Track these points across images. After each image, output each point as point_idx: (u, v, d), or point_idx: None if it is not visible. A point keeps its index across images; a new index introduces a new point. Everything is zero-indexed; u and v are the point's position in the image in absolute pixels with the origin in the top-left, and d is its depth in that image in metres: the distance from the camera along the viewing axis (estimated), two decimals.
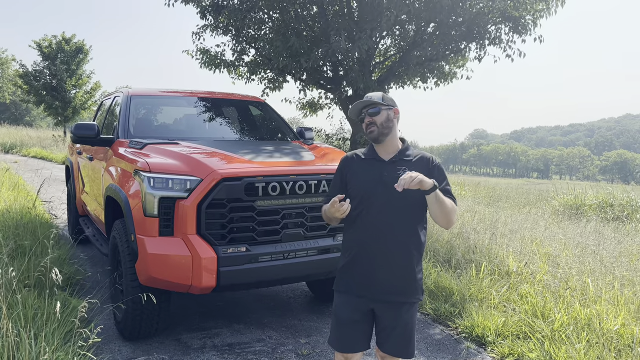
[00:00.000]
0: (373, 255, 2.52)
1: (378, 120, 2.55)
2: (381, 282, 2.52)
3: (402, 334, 2.58)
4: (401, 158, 2.57)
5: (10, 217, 6.35)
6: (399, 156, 2.58)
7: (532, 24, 8.07)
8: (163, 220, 3.59)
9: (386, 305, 2.55)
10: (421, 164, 2.56)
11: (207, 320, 4.56)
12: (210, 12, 8.86)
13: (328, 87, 9.58)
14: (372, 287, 2.53)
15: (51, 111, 29.07)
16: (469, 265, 5.68)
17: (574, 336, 3.93)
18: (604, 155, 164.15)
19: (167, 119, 5.87)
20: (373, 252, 2.52)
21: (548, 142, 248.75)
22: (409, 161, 2.56)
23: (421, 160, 2.58)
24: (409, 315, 2.58)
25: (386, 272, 2.51)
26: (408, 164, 2.54)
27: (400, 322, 2.57)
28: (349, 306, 2.59)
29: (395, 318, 2.57)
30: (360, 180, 2.58)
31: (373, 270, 2.52)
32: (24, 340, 3.04)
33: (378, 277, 2.52)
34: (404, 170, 2.46)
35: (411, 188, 2.31)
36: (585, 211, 11.48)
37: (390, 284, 2.52)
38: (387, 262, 2.50)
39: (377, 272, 2.51)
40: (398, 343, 2.59)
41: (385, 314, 2.57)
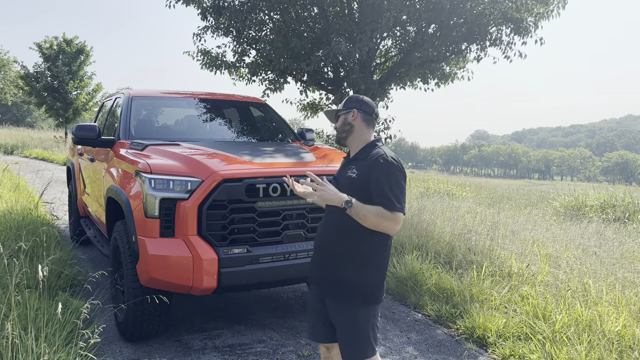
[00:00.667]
0: (320, 250, 2.64)
1: (337, 124, 2.66)
2: (322, 276, 2.61)
3: (342, 334, 2.56)
4: (357, 157, 2.58)
5: (12, 218, 6.36)
6: (356, 155, 2.59)
7: (533, 26, 8.07)
8: (164, 221, 3.59)
9: (328, 300, 2.60)
10: (368, 162, 2.48)
11: (208, 321, 4.56)
12: (211, 13, 8.87)
13: (329, 88, 9.59)
14: (317, 279, 2.66)
15: (52, 112, 29.12)
16: (470, 266, 5.68)
17: (575, 337, 3.92)
18: (606, 156, 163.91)
19: (168, 120, 5.88)
20: (320, 247, 2.64)
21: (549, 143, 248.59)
22: (361, 160, 2.53)
23: (371, 159, 2.48)
24: (349, 318, 2.52)
25: (326, 267, 2.58)
26: (358, 162, 2.54)
27: (340, 322, 2.56)
28: (312, 296, 2.73)
29: (336, 317, 2.58)
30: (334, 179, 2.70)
31: (319, 263, 2.63)
32: (26, 342, 3.04)
33: (321, 271, 2.62)
34: (352, 171, 2.51)
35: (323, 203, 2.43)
36: (586, 212, 11.46)
37: (328, 280, 2.58)
38: (327, 259, 2.58)
39: (321, 266, 2.61)
40: (342, 343, 2.58)
41: (329, 310, 2.61)
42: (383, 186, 2.38)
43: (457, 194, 14.57)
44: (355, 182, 2.48)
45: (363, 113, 2.60)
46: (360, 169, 2.48)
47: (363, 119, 2.60)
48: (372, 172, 2.42)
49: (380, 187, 2.38)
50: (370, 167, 2.45)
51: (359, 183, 2.46)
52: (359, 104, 2.62)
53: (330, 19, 8.69)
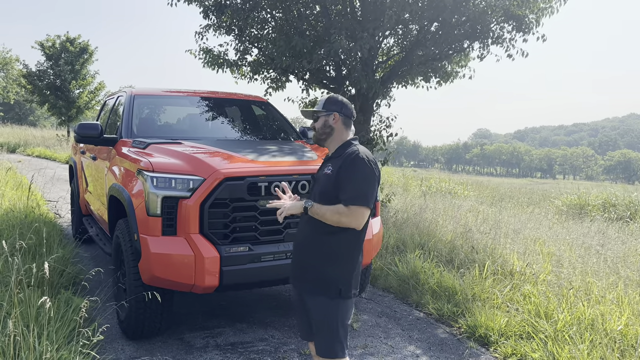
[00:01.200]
0: (296, 245, 2.75)
1: (317, 125, 2.69)
2: (298, 273, 2.70)
3: (315, 329, 2.65)
4: (333, 156, 2.66)
5: (15, 217, 6.37)
6: (333, 154, 2.67)
7: (535, 23, 8.06)
8: (166, 219, 3.60)
9: (304, 295, 2.67)
10: (342, 160, 2.56)
11: (210, 319, 4.57)
12: (213, 11, 8.87)
13: (331, 86, 9.58)
14: (294, 277, 2.74)
15: (55, 111, 29.16)
16: (472, 265, 5.67)
17: (577, 336, 3.92)
18: (608, 155, 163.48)
19: (170, 118, 5.89)
20: (296, 242, 2.75)
21: (552, 142, 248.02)
22: (336, 158, 2.62)
23: (343, 156, 2.57)
24: (320, 311, 2.60)
25: (302, 264, 2.68)
26: (334, 161, 2.62)
27: (313, 316, 2.64)
28: (294, 295, 2.81)
29: (311, 311, 2.65)
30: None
31: (295, 258, 2.75)
32: (28, 339, 3.05)
33: (297, 268, 2.71)
34: (328, 168, 2.61)
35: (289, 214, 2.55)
36: (589, 211, 11.45)
37: (303, 276, 2.67)
38: (301, 253, 2.69)
39: (297, 264, 2.72)
40: (316, 339, 2.67)
41: (306, 304, 2.68)
42: (345, 182, 2.49)
43: (459, 193, 14.56)
44: (330, 178, 2.56)
45: (343, 116, 2.66)
46: (334, 166, 2.57)
47: (343, 122, 2.67)
48: (341, 167, 2.53)
49: (343, 182, 2.49)
50: (342, 161, 2.54)
51: (333, 179, 2.54)
52: (339, 106, 2.67)
53: (333, 17, 8.68)
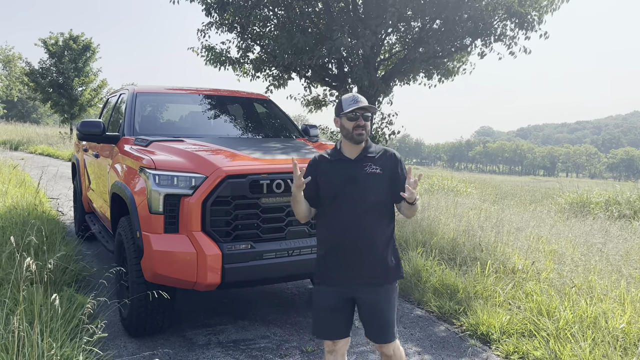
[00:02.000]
0: (344, 248, 2.71)
1: (368, 126, 2.74)
2: (352, 271, 2.71)
3: (379, 319, 2.74)
4: (365, 155, 2.76)
5: (17, 214, 6.39)
6: (364, 154, 2.76)
7: (537, 20, 8.03)
8: (168, 217, 3.60)
9: (360, 291, 2.73)
10: (387, 159, 2.76)
11: (212, 316, 4.58)
12: (216, 9, 8.87)
13: (333, 84, 9.58)
14: (345, 276, 2.73)
15: (58, 108, 29.22)
16: (474, 263, 5.67)
17: (579, 334, 3.91)
18: (611, 152, 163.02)
19: (172, 116, 5.89)
20: (344, 245, 2.71)
21: (555, 140, 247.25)
22: (373, 157, 2.75)
23: (385, 156, 2.77)
24: (384, 299, 2.74)
25: (356, 261, 2.70)
26: (373, 160, 2.74)
27: (375, 307, 2.74)
28: (325, 295, 2.79)
29: (371, 304, 2.74)
30: (330, 180, 2.74)
31: (345, 261, 2.71)
32: (31, 336, 3.06)
33: (349, 267, 2.71)
34: (371, 167, 2.71)
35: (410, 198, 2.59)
36: (591, 209, 11.42)
37: (360, 272, 2.71)
38: (356, 253, 2.70)
39: (349, 262, 2.71)
40: (377, 329, 2.76)
41: (362, 300, 2.75)
42: (404, 179, 2.69)
43: (462, 191, 14.54)
44: (382, 177, 2.71)
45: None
46: (379, 165, 2.72)
47: None
48: (395, 168, 2.74)
49: (403, 179, 2.70)
50: (391, 163, 2.75)
51: (385, 178, 2.71)
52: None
53: (335, 14, 8.67)
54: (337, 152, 2.80)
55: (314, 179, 2.77)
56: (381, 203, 2.72)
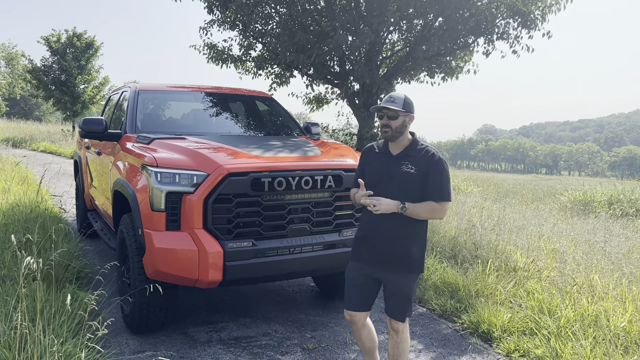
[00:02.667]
0: (377, 234, 2.98)
1: (394, 124, 2.90)
2: (378, 257, 3.00)
3: (398, 300, 3.03)
4: (406, 154, 2.95)
5: (20, 211, 6.42)
6: (404, 152, 2.96)
7: (540, 19, 8.01)
8: (170, 214, 3.61)
9: (386, 274, 3.01)
10: (425, 160, 2.91)
11: (213, 314, 4.59)
12: (218, 7, 8.86)
13: (335, 82, 9.56)
14: (375, 258, 3.01)
15: (60, 106, 29.27)
16: (475, 261, 5.67)
17: (580, 333, 3.92)
18: (614, 151, 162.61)
19: (174, 114, 5.90)
20: (377, 231, 2.98)
21: (557, 138, 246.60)
22: (413, 157, 2.93)
23: (424, 156, 2.92)
24: (405, 283, 3.00)
25: (381, 251, 2.98)
26: (411, 159, 2.92)
27: (397, 289, 3.02)
28: (356, 272, 3.11)
29: (394, 285, 3.02)
30: (372, 171, 3.02)
31: (376, 245, 3.00)
32: (34, 333, 3.07)
33: (376, 254, 3.00)
34: (407, 166, 2.90)
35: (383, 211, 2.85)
36: (594, 207, 11.40)
37: (384, 260, 2.98)
38: (382, 244, 2.97)
39: (375, 250, 3.00)
40: (394, 307, 3.06)
41: (387, 281, 3.04)
42: (437, 181, 2.88)
43: (463, 189, 14.53)
44: (415, 177, 2.88)
45: (414, 117, 2.97)
46: (416, 165, 2.89)
47: (412, 122, 2.99)
48: (429, 169, 2.89)
49: (435, 182, 2.88)
50: (426, 163, 2.89)
51: (418, 178, 2.88)
52: (413, 108, 2.96)
53: (337, 12, 8.65)
54: (384, 146, 3.04)
55: (361, 166, 3.12)
56: (411, 199, 2.88)
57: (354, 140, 11.13)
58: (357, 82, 9.01)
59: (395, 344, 3.13)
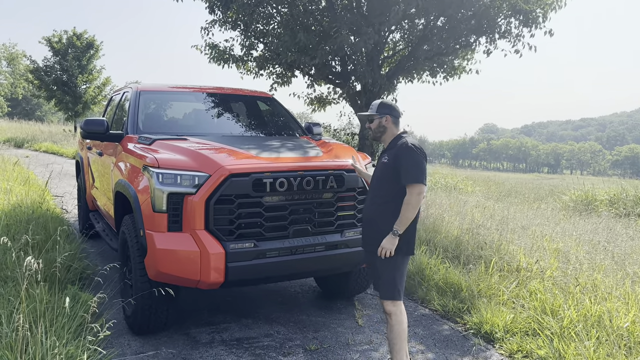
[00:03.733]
0: (365, 219, 3.49)
1: (372, 126, 3.47)
2: (366, 238, 3.47)
3: (378, 277, 3.38)
4: (389, 147, 3.40)
5: (22, 212, 6.42)
6: (387, 147, 3.42)
7: (542, 17, 7.98)
8: (172, 215, 3.60)
9: (369, 252, 3.41)
10: (396, 149, 3.30)
11: (215, 315, 4.58)
12: (219, 7, 8.86)
13: (337, 82, 9.55)
14: (364, 242, 3.51)
15: (62, 106, 29.32)
16: (478, 261, 5.66)
17: (583, 333, 3.90)
18: (616, 149, 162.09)
19: (176, 114, 5.89)
20: (365, 217, 3.49)
21: (559, 137, 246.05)
22: (390, 150, 3.35)
23: (397, 147, 3.31)
24: (385, 262, 3.28)
25: (368, 231, 3.44)
26: (389, 152, 3.35)
27: (376, 266, 3.37)
28: (365, 256, 3.54)
29: (375, 263, 3.37)
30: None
31: (363, 229, 3.51)
32: (36, 334, 3.07)
33: (365, 234, 3.47)
34: (384, 157, 3.36)
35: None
36: (596, 207, 11.37)
37: (369, 239, 3.41)
38: (367, 226, 3.45)
39: (365, 231, 3.48)
40: (378, 284, 3.42)
41: (376, 261, 3.35)
42: (404, 166, 3.21)
43: (465, 188, 14.50)
44: (387, 165, 3.31)
45: (393, 117, 3.41)
46: (389, 156, 3.31)
47: (393, 122, 3.41)
48: (398, 155, 3.25)
49: (402, 167, 3.21)
50: (396, 152, 3.28)
51: (390, 166, 3.28)
52: (389, 110, 3.41)
53: (338, 12, 8.64)
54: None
55: None
56: (387, 190, 3.30)
57: (355, 140, 11.12)
58: (358, 82, 9.00)
59: (390, 327, 3.35)
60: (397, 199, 3.24)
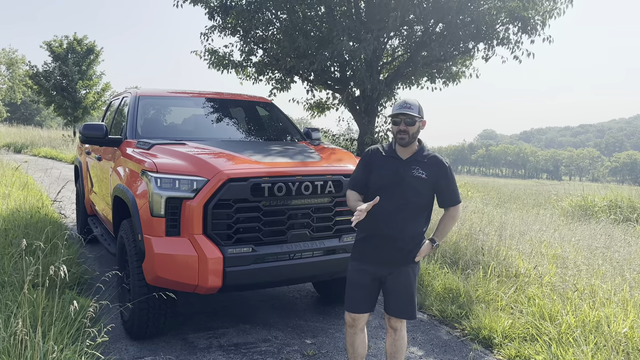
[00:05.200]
0: (381, 234, 3.00)
1: (411, 130, 2.94)
2: (385, 254, 3.01)
3: (404, 296, 3.06)
4: (416, 159, 3.01)
5: (20, 217, 6.41)
6: (414, 157, 3.01)
7: (540, 24, 8.02)
8: (170, 220, 3.61)
9: (389, 270, 3.03)
10: (434, 166, 3.01)
11: (213, 320, 4.57)
12: (219, 12, 8.90)
13: (336, 87, 9.58)
14: (378, 258, 3.03)
15: (61, 111, 29.34)
16: (476, 266, 5.65)
17: (581, 339, 3.90)
18: (614, 156, 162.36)
19: (174, 119, 5.90)
20: (381, 232, 3.00)
21: (558, 143, 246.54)
22: (423, 162, 3.00)
23: (433, 163, 3.01)
24: (407, 278, 3.05)
25: (385, 248, 3.00)
26: (421, 164, 2.99)
27: (400, 285, 3.05)
28: (359, 272, 3.09)
29: (397, 282, 3.04)
30: (380, 174, 3.03)
31: (381, 245, 3.01)
32: (34, 339, 3.06)
33: (383, 250, 3.01)
34: (418, 171, 2.96)
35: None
36: (595, 213, 11.37)
37: (391, 256, 3.01)
38: (387, 242, 3.00)
39: (383, 247, 3.01)
40: (401, 305, 3.08)
41: (390, 278, 3.04)
42: (451, 188, 3.06)
43: (464, 194, 14.51)
44: (426, 182, 2.98)
45: (425, 121, 3.05)
46: (427, 171, 2.98)
47: (424, 127, 3.06)
48: (440, 175, 3.01)
49: (449, 188, 3.06)
50: (437, 170, 3.01)
51: (429, 183, 2.99)
52: (423, 113, 3.02)
53: (337, 18, 8.68)
54: (391, 150, 3.07)
55: (366, 167, 3.09)
56: (420, 205, 3.01)
57: (354, 146, 11.13)
58: (357, 88, 9.02)
59: (393, 341, 3.18)
60: (426, 213, 3.10)
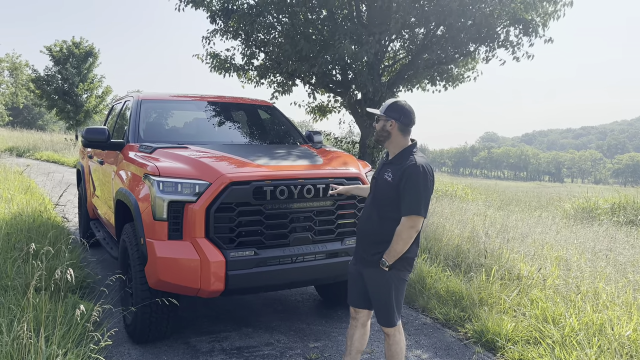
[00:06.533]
0: (359, 229, 3.18)
1: (377, 127, 3.05)
2: (359, 249, 3.16)
3: (374, 299, 3.09)
4: (392, 161, 3.01)
5: (23, 221, 6.42)
6: (394, 159, 3.01)
7: (541, 26, 8.03)
8: (172, 224, 3.61)
9: (364, 268, 3.10)
10: (402, 170, 2.90)
11: (215, 323, 4.57)
12: (220, 16, 8.93)
13: (337, 90, 9.59)
14: (356, 253, 3.20)
15: (63, 115, 29.42)
16: (479, 269, 5.64)
17: (585, 342, 3.88)
18: (617, 158, 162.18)
19: (177, 123, 5.91)
20: (359, 227, 3.19)
21: (560, 145, 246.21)
22: (397, 165, 2.95)
23: (405, 167, 2.89)
24: (376, 281, 3.03)
25: (360, 243, 3.15)
26: (394, 167, 2.96)
27: (371, 286, 3.08)
28: (351, 266, 3.26)
29: (369, 283, 3.09)
30: (372, 178, 3.19)
31: (358, 240, 3.19)
32: (37, 343, 3.06)
33: (358, 246, 3.18)
34: (388, 174, 2.96)
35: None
36: (597, 215, 11.35)
37: (363, 251, 3.10)
38: (362, 236, 3.13)
39: (359, 242, 3.17)
40: (376, 309, 3.14)
41: (365, 277, 3.10)
42: (405, 193, 2.85)
43: (466, 196, 14.49)
44: (390, 185, 2.92)
45: (400, 124, 2.96)
46: (394, 174, 2.91)
47: (399, 129, 2.97)
48: (402, 177, 2.86)
49: (403, 193, 2.86)
50: (402, 173, 2.87)
51: (393, 186, 2.91)
52: (398, 114, 2.95)
53: (339, 21, 8.69)
54: (387, 153, 3.15)
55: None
56: (387, 206, 2.96)
57: (356, 149, 11.13)
58: (359, 91, 9.03)
59: (388, 346, 3.22)
60: (397, 220, 2.91)
